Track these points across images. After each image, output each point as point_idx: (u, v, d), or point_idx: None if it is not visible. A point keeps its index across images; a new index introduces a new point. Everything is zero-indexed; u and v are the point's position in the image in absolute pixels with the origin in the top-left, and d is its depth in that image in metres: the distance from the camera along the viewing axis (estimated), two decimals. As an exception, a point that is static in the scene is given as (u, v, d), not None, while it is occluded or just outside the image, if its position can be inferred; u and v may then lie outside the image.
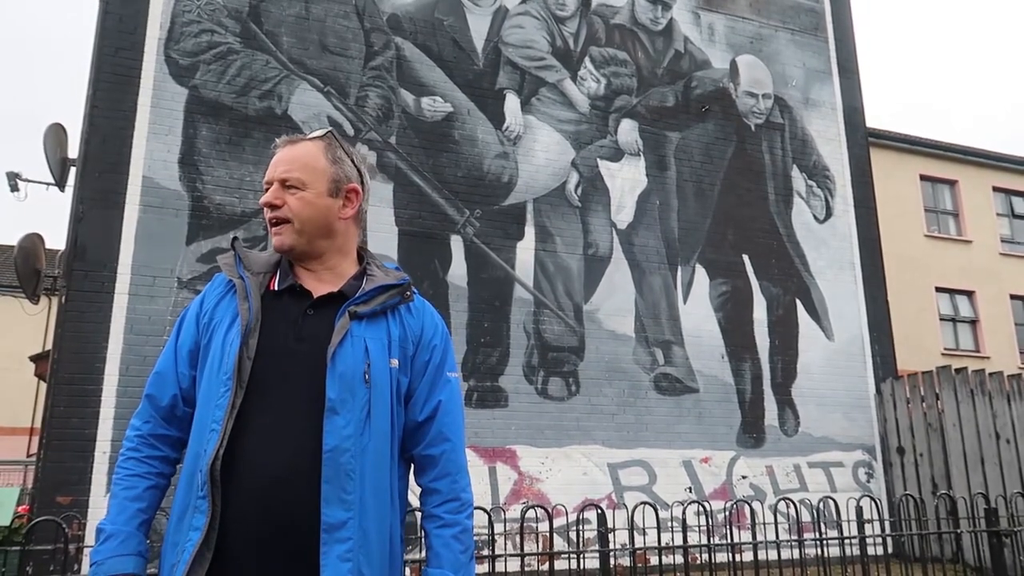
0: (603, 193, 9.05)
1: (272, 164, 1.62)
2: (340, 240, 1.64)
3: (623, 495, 8.02)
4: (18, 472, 14.17)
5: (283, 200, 1.57)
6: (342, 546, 1.39)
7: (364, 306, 1.55)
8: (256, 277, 1.58)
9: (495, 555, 4.40)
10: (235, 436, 1.42)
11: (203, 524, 1.38)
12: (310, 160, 1.60)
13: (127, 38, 7.57)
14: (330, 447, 1.42)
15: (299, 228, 1.57)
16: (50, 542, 4.15)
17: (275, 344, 1.50)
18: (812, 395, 9.30)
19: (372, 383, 1.50)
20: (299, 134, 1.67)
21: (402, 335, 1.59)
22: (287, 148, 1.62)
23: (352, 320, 1.53)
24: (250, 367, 1.47)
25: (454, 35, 8.86)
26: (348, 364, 1.48)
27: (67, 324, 6.80)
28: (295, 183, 1.58)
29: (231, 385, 1.45)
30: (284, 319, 1.54)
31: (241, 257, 1.62)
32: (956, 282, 16.76)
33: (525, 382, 8.11)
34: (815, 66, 10.77)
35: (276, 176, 1.59)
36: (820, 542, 5.04)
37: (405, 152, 8.29)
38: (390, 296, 1.60)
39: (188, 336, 1.59)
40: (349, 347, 1.50)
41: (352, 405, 1.46)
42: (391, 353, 1.56)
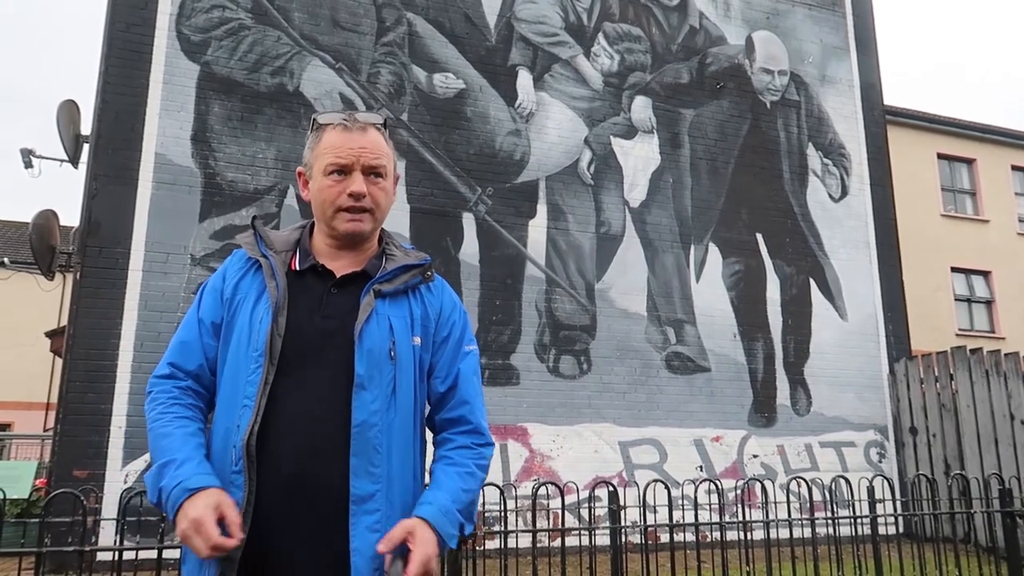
0: (616, 171, 8.98)
1: (345, 147, 1.56)
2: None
3: (634, 473, 8.05)
4: (35, 446, 14.37)
5: (367, 190, 1.57)
6: (370, 517, 1.43)
7: (388, 285, 1.57)
8: (279, 256, 1.59)
9: (507, 531, 4.43)
10: (267, 412, 1.44)
11: (241, 499, 1.40)
12: (387, 149, 1.62)
13: (138, 14, 7.54)
14: (359, 422, 1.45)
15: (379, 218, 1.61)
16: (68, 515, 4.20)
17: (301, 322, 1.51)
18: (825, 375, 9.26)
19: (397, 359, 1.52)
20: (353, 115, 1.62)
21: (424, 314, 1.61)
22: (361, 133, 1.58)
23: (377, 298, 1.54)
24: (280, 344, 1.48)
25: (466, 11, 8.77)
26: (375, 341, 1.50)
27: (82, 300, 6.85)
28: (382, 172, 1.59)
29: (263, 362, 1.46)
30: (309, 298, 1.55)
31: (262, 236, 1.62)
32: (972, 262, 16.61)
33: (537, 360, 8.12)
34: (832, 42, 10.61)
35: (365, 163, 1.57)
36: (831, 521, 5.04)
37: (417, 129, 8.25)
38: (412, 276, 1.61)
39: (210, 309, 1.59)
40: (375, 324, 1.52)
41: (379, 381, 1.49)
42: (414, 331, 1.58)
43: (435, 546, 1.42)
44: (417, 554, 1.38)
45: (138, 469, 6.61)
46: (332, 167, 1.56)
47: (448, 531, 1.46)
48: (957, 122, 17.31)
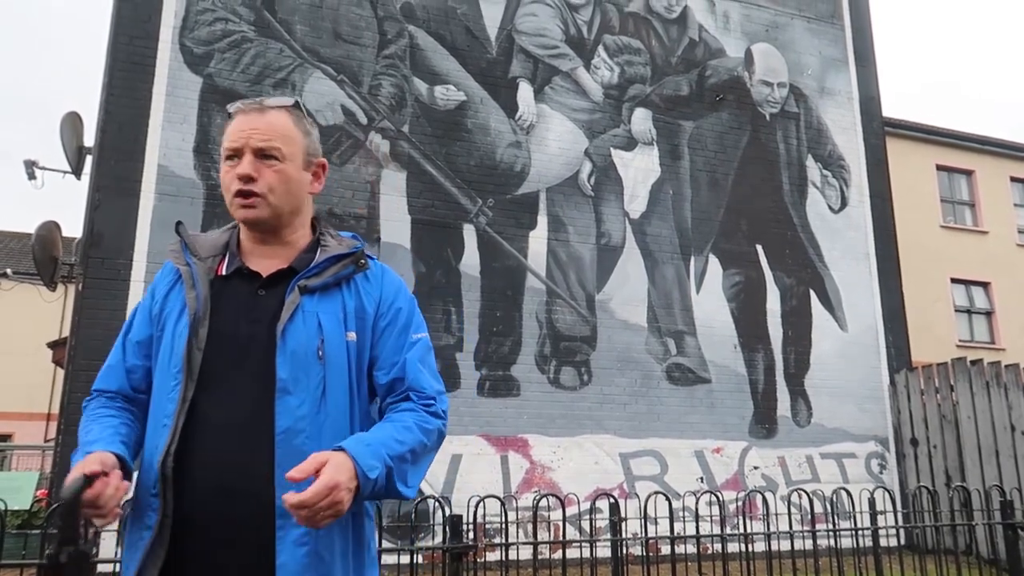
0: (616, 183, 9.02)
1: (240, 131, 1.50)
2: (304, 215, 1.58)
3: (635, 485, 8.04)
4: (36, 457, 14.35)
5: (260, 173, 1.48)
6: (298, 530, 1.33)
7: (315, 279, 1.48)
8: (203, 263, 1.51)
9: (507, 543, 4.43)
10: (189, 430, 1.38)
11: (155, 522, 1.35)
12: (287, 131, 1.52)
13: (142, 27, 7.59)
14: (283, 429, 1.37)
15: (275, 203, 1.49)
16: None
17: (226, 330, 1.43)
18: (825, 386, 9.26)
19: (326, 359, 1.43)
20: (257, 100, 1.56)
21: (358, 305, 1.51)
22: (256, 115, 1.51)
23: (304, 295, 1.46)
24: (200, 357, 1.41)
25: (467, 23, 8.83)
26: (300, 341, 1.41)
27: (84, 311, 6.87)
28: (275, 154, 1.49)
29: (181, 378, 1.40)
30: (234, 303, 1.47)
31: (187, 243, 1.55)
32: (972, 273, 16.61)
33: (537, 371, 8.13)
34: (831, 54, 10.66)
35: (252, 144, 1.48)
36: (833, 533, 5.03)
37: (418, 141, 8.29)
38: (343, 266, 1.52)
39: (139, 327, 1.54)
40: (300, 323, 1.43)
41: (306, 383, 1.41)
42: (347, 326, 1.48)
43: (348, 474, 1.27)
44: (324, 475, 1.24)
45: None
46: (227, 152, 1.51)
47: (368, 462, 1.31)
48: (956, 134, 17.36)
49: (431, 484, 7.45)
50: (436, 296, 7.97)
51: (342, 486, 1.25)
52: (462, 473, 7.58)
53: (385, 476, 1.34)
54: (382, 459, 1.34)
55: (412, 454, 1.41)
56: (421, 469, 1.45)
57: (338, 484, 1.25)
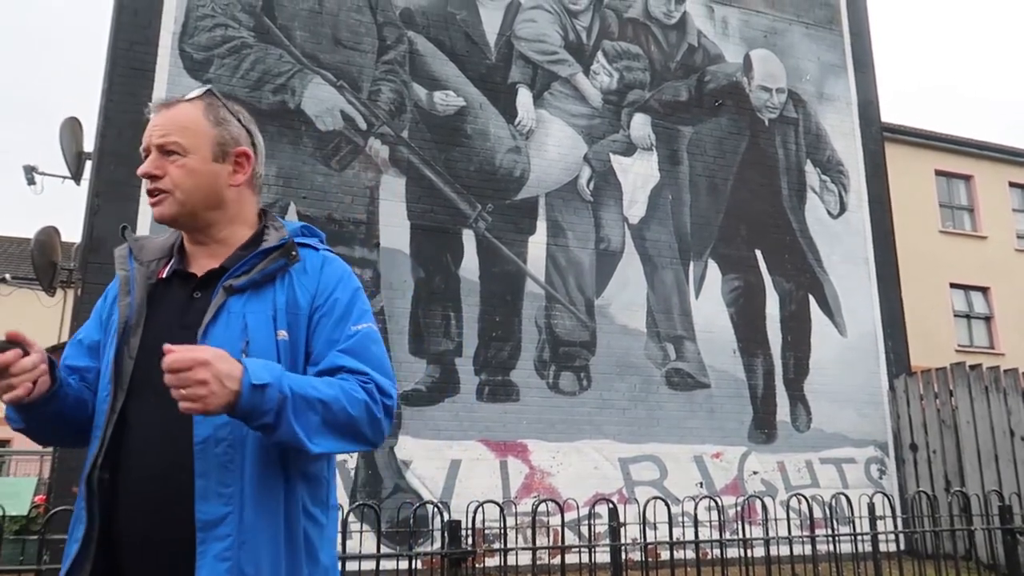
0: (615, 188, 9.03)
1: (148, 129, 1.46)
2: (232, 209, 1.50)
3: (634, 490, 8.03)
4: (35, 462, 14.31)
5: (163, 169, 1.43)
6: (220, 544, 1.27)
7: (242, 277, 1.41)
8: (144, 267, 1.47)
9: (507, 548, 4.43)
10: (119, 440, 1.34)
11: (81, 535, 1.33)
12: (189, 123, 1.46)
13: (142, 32, 7.61)
14: (201, 438, 1.30)
15: (182, 199, 1.44)
16: (67, 532, 4.20)
17: (159, 337, 1.34)
18: (824, 391, 9.26)
19: None
20: (175, 96, 1.51)
21: (291, 300, 1.43)
22: (163, 111, 1.47)
23: (231, 295, 1.39)
24: (132, 366, 1.37)
25: (466, 29, 8.85)
26: (221, 344, 1.32)
27: (83, 316, 6.85)
28: (175, 148, 1.43)
29: (110, 388, 1.37)
30: (170, 308, 1.43)
31: (132, 248, 1.49)
32: (971, 278, 16.62)
33: (536, 376, 8.12)
34: (830, 60, 10.69)
35: (153, 141, 1.44)
36: (832, 538, 5.03)
37: (417, 146, 8.30)
38: (271, 260, 1.43)
39: (89, 329, 1.52)
40: (223, 325, 1.37)
41: None
42: (278, 324, 1.40)
43: (229, 368, 1.20)
44: (198, 349, 1.20)
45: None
46: (142, 153, 1.48)
47: (258, 372, 1.23)
48: (954, 139, 17.39)
49: (430, 489, 7.45)
50: (435, 301, 7.98)
51: (211, 368, 1.18)
52: (461, 478, 7.57)
53: (277, 402, 1.24)
54: (278, 380, 1.25)
55: (324, 406, 1.30)
56: (336, 438, 1.33)
57: (206, 361, 1.18)
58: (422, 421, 7.58)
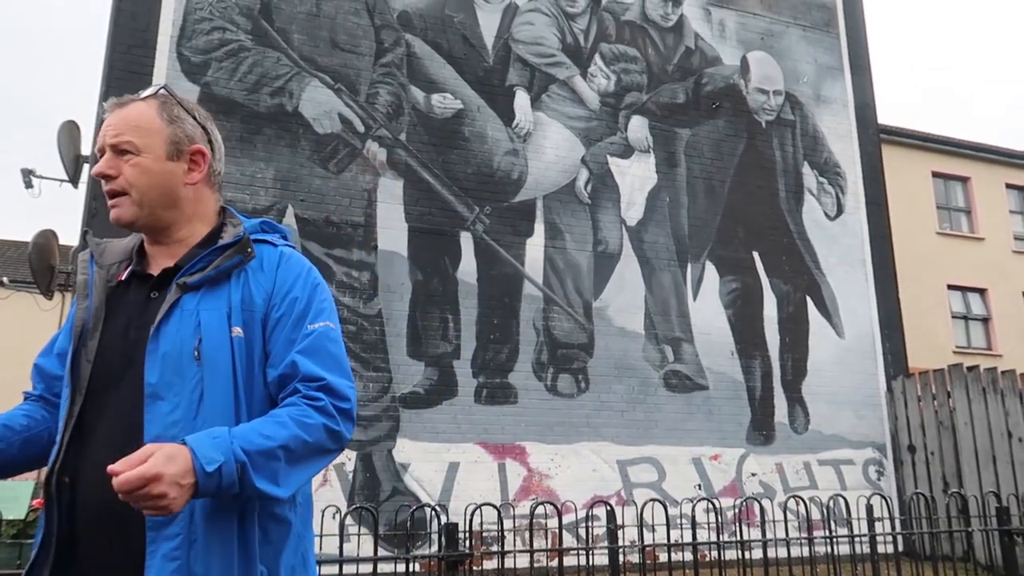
0: (613, 190, 9.04)
1: (102, 129, 1.46)
2: (190, 208, 1.49)
3: (632, 492, 8.03)
4: (32, 466, 14.28)
5: (118, 169, 1.43)
6: (169, 544, 1.26)
7: (197, 275, 1.40)
8: (104, 270, 1.47)
9: (504, 551, 4.43)
10: (79, 444, 1.34)
11: (40, 538, 1.33)
12: (143, 122, 1.45)
13: (139, 36, 7.61)
14: (152, 437, 1.28)
15: (138, 199, 1.43)
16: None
17: (115, 339, 1.38)
18: (822, 392, 9.27)
19: (204, 360, 1.34)
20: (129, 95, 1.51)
21: (246, 297, 1.41)
22: (116, 110, 1.46)
23: (186, 293, 1.38)
24: (89, 369, 1.37)
25: (464, 32, 8.86)
26: (173, 342, 1.34)
27: (80, 320, 6.85)
28: (128, 148, 1.43)
29: (68, 391, 1.37)
30: (127, 309, 1.42)
31: (93, 252, 1.50)
32: (968, 279, 16.65)
33: (534, 379, 8.12)
34: (826, 62, 10.71)
35: (107, 142, 1.44)
36: (830, 540, 5.03)
37: (415, 149, 8.30)
38: (227, 257, 1.42)
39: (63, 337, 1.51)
40: (176, 323, 1.36)
41: (179, 388, 1.33)
42: (233, 321, 1.39)
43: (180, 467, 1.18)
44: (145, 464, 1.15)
45: (135, 489, 6.57)
46: (96, 153, 1.47)
47: (208, 455, 1.20)
48: (951, 141, 17.43)
49: (428, 492, 7.45)
50: (433, 304, 7.98)
51: (165, 479, 1.15)
52: (459, 481, 7.56)
53: (236, 472, 1.22)
54: (229, 453, 1.22)
55: (285, 451, 1.28)
56: (304, 468, 1.34)
57: (158, 476, 1.15)
58: (420, 424, 7.58)
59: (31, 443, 1.46)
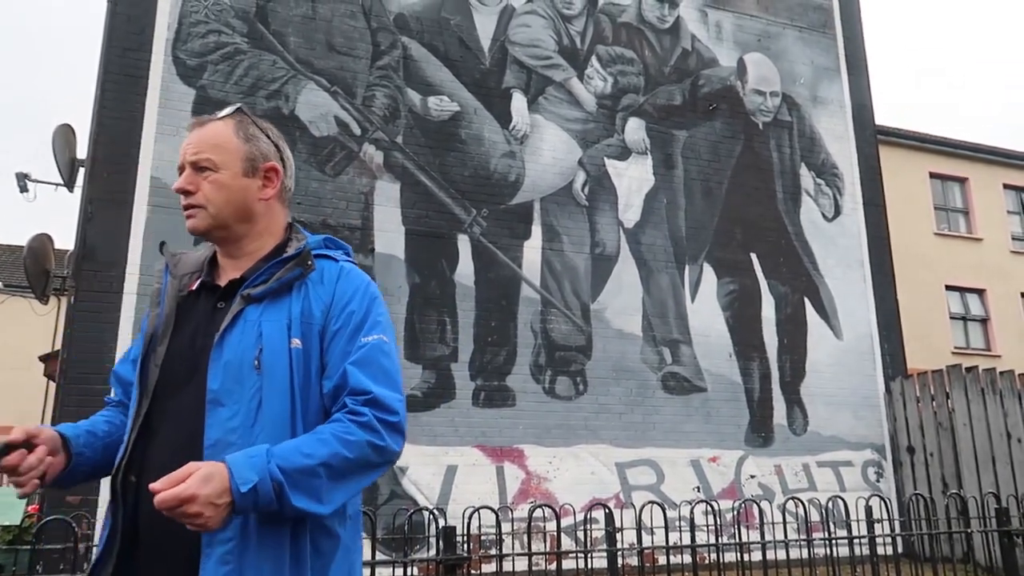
0: (610, 192, 9.03)
1: (182, 147, 1.55)
2: (261, 222, 1.56)
3: (631, 494, 8.01)
4: (28, 471, 14.22)
5: (196, 185, 1.51)
6: (223, 548, 1.31)
7: (260, 286, 1.46)
8: (177, 280, 1.54)
9: (502, 554, 4.40)
10: (144, 445, 1.41)
11: (106, 535, 1.40)
12: (220, 140, 1.53)
13: (135, 39, 7.59)
14: (212, 441, 1.36)
15: (214, 213, 1.51)
16: (60, 541, 4.16)
17: (183, 346, 1.46)
18: (821, 394, 9.26)
19: (264, 369, 1.40)
20: (207, 115, 1.60)
21: (305, 310, 1.47)
22: (196, 129, 1.56)
23: (249, 304, 1.45)
24: (157, 374, 1.44)
25: (461, 34, 8.85)
26: (235, 351, 1.40)
27: (76, 324, 6.83)
28: (207, 165, 1.51)
29: (136, 394, 1.45)
30: (196, 318, 1.49)
31: (169, 262, 1.58)
32: (966, 280, 16.66)
33: (532, 381, 8.10)
34: (823, 63, 10.72)
35: (187, 159, 1.53)
36: (829, 542, 5.02)
37: (412, 151, 8.29)
38: (288, 270, 1.48)
39: (137, 344, 1.58)
40: (239, 333, 1.42)
41: (240, 395, 1.38)
42: (292, 333, 1.44)
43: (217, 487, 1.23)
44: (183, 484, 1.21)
45: (131, 494, 6.55)
46: (177, 170, 1.57)
47: (244, 475, 1.25)
48: (949, 141, 17.45)
49: (426, 495, 7.42)
50: (431, 307, 7.96)
51: (200, 500, 1.20)
52: (457, 484, 7.54)
53: (272, 492, 1.27)
54: (264, 472, 1.27)
55: (326, 468, 1.32)
56: (349, 485, 1.38)
57: (193, 497, 1.20)
58: (418, 427, 7.55)
59: (112, 448, 1.52)
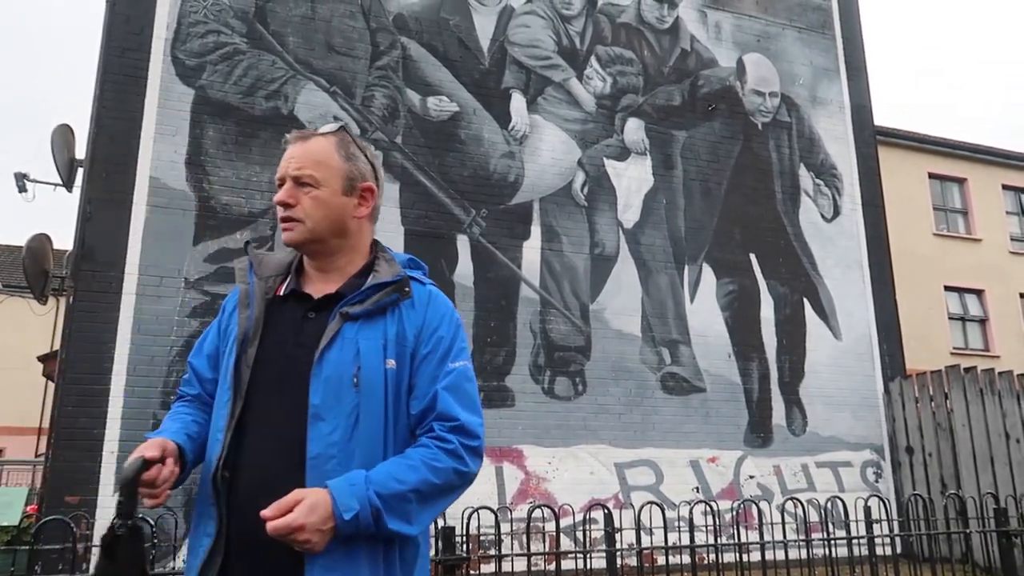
0: (609, 192, 9.03)
1: (284, 160, 1.58)
2: (353, 239, 1.61)
3: (630, 495, 8.01)
4: (26, 472, 14.24)
5: (296, 199, 1.54)
6: (325, 558, 1.36)
7: (358, 306, 1.50)
8: (263, 282, 1.57)
9: (501, 555, 4.40)
10: (236, 445, 1.44)
11: (213, 531, 1.42)
12: (323, 157, 1.56)
13: (134, 39, 7.59)
14: (314, 454, 1.40)
15: (311, 227, 1.54)
16: (59, 541, 4.16)
17: (273, 351, 1.49)
18: (820, 394, 9.26)
19: (362, 387, 1.44)
20: (309, 129, 1.64)
21: (399, 332, 1.52)
22: (299, 144, 1.58)
23: (345, 321, 1.48)
24: (248, 375, 1.47)
25: (460, 34, 8.85)
26: (335, 368, 1.44)
27: (75, 324, 6.83)
28: (309, 181, 1.54)
29: (230, 395, 1.47)
30: (285, 324, 1.52)
31: (253, 262, 1.61)
32: (965, 281, 16.68)
33: (532, 382, 8.10)
34: (822, 64, 10.72)
35: (289, 173, 1.56)
36: (828, 542, 5.02)
37: (411, 152, 8.29)
38: (386, 294, 1.53)
39: (211, 340, 1.63)
40: (338, 350, 1.46)
41: (338, 410, 1.42)
42: (387, 354, 1.49)
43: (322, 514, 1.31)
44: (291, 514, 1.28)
45: (130, 494, 6.53)
46: (276, 182, 1.60)
47: (346, 503, 1.32)
48: (947, 142, 17.46)
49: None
50: (430, 307, 7.94)
51: (308, 528, 1.29)
52: (456, 485, 7.52)
53: (371, 517, 1.34)
54: (364, 500, 1.34)
55: (416, 494, 1.40)
56: (434, 508, 1.45)
57: (301, 526, 1.28)
58: (417, 427, 7.54)
59: (201, 448, 1.55)
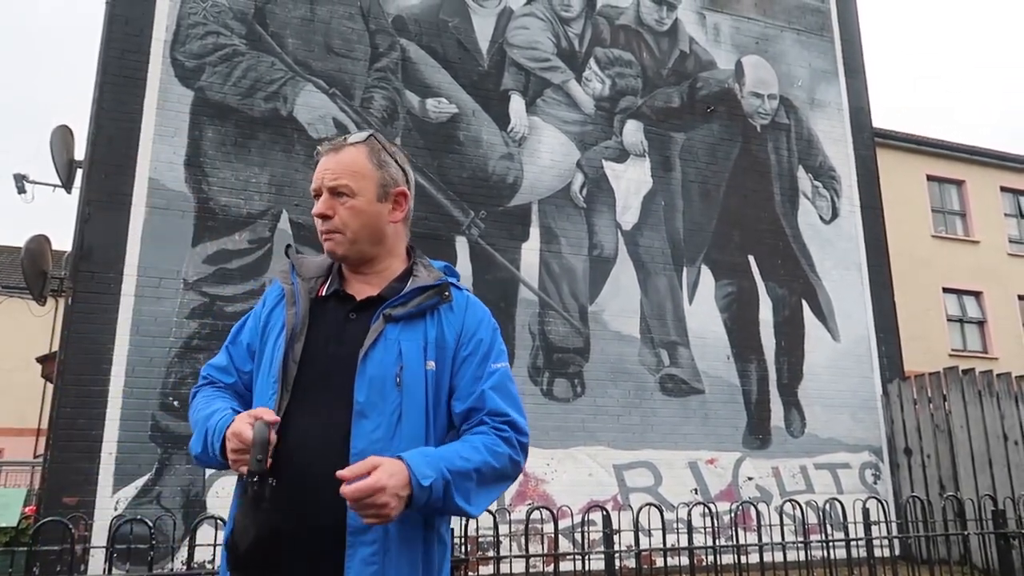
0: (608, 194, 9.04)
1: (318, 172, 1.62)
2: (390, 243, 1.65)
3: (628, 496, 8.01)
4: (25, 473, 14.23)
5: (334, 210, 1.59)
6: (367, 549, 1.40)
7: (400, 308, 1.55)
8: (306, 283, 1.62)
9: (500, 556, 4.40)
10: (280, 437, 1.46)
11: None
12: (357, 166, 1.60)
13: (133, 41, 7.59)
14: (358, 450, 1.43)
15: (351, 237, 1.59)
16: (57, 543, 4.16)
17: (318, 349, 1.53)
18: (818, 396, 9.26)
19: (404, 387, 1.49)
20: (341, 138, 1.67)
21: (439, 335, 1.57)
22: (331, 155, 1.62)
23: (388, 323, 1.53)
24: (295, 371, 1.51)
25: (459, 36, 8.86)
26: (379, 367, 1.49)
27: (73, 325, 6.82)
28: (344, 191, 1.58)
29: (277, 388, 1.50)
30: (328, 324, 1.57)
31: (295, 264, 1.66)
32: (964, 283, 16.69)
33: (530, 383, 8.10)
34: (821, 66, 10.74)
35: (325, 184, 1.60)
36: (826, 544, 5.02)
37: (410, 153, 8.28)
38: (427, 297, 1.58)
39: (250, 331, 1.66)
40: (381, 350, 1.50)
41: (382, 408, 1.47)
42: (427, 355, 1.55)
43: (400, 480, 1.34)
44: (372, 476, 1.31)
45: (128, 496, 6.54)
46: (312, 194, 1.65)
47: (422, 471, 1.36)
48: (946, 144, 17.49)
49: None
50: (428, 308, 7.94)
51: (388, 490, 1.31)
52: (455, 486, 7.52)
53: (442, 489, 1.38)
54: (439, 470, 1.38)
55: (477, 473, 1.45)
56: (489, 492, 1.50)
57: (383, 487, 1.30)
58: (416, 429, 7.54)
59: None
